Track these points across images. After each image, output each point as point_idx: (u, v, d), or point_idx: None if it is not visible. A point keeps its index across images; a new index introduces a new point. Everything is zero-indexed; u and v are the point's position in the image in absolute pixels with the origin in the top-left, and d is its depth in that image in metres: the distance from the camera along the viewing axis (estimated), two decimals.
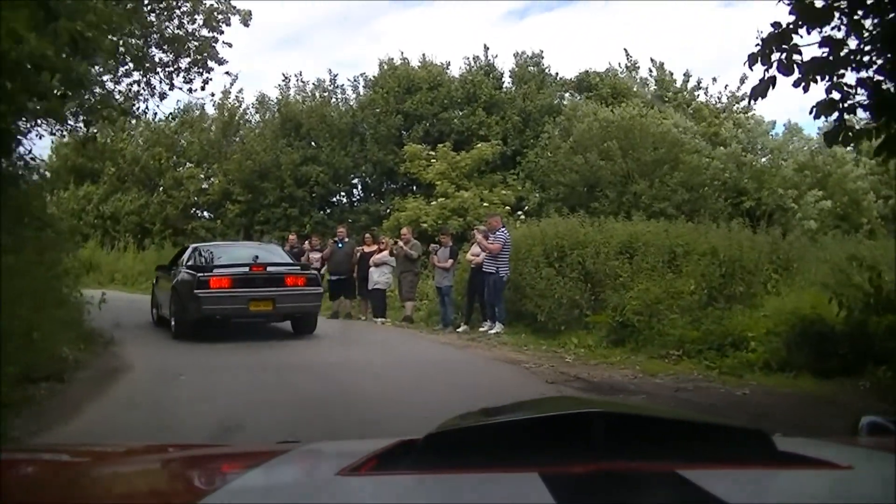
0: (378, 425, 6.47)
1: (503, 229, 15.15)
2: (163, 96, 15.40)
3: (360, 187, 29.35)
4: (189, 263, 14.14)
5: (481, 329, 14.93)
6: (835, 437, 2.15)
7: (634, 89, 29.43)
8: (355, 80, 29.87)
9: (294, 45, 54.80)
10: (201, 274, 13.26)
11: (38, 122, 12.39)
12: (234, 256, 14.59)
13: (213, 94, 15.71)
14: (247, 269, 13.62)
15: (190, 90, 15.13)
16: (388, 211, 26.17)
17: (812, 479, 1.43)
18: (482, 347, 12.95)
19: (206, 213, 30.70)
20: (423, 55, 29.07)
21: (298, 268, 14.26)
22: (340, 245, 18.39)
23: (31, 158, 12.77)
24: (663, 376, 9.70)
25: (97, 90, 12.54)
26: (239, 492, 1.41)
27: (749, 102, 6.96)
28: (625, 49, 32.91)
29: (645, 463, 1.35)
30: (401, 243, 17.39)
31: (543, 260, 14.70)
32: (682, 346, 10.74)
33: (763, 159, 27.23)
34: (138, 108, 15.33)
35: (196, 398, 7.99)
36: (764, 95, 6.98)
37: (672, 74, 30.45)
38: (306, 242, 19.29)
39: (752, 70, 7.06)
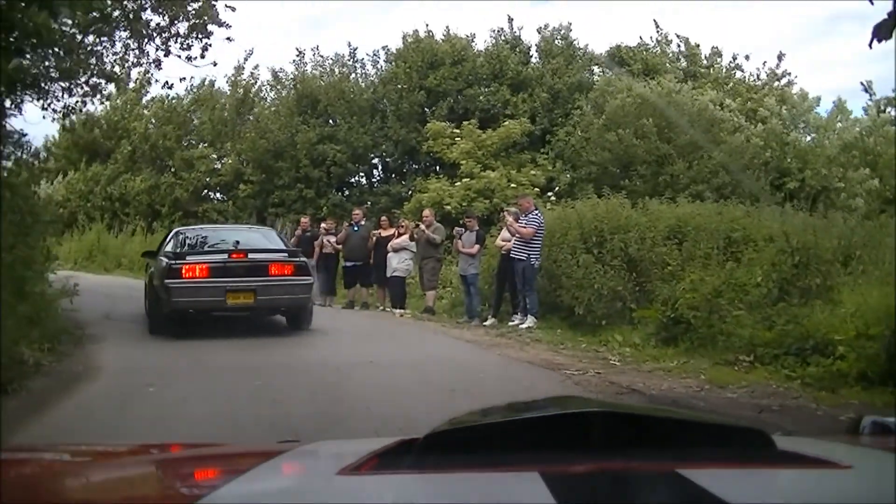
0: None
1: (536, 211, 13.59)
2: (157, 64, 13.79)
3: (380, 168, 28.15)
4: (167, 250, 12.69)
5: (511, 322, 13.46)
6: (835, 436, 2.27)
7: (667, 64, 27.84)
8: (376, 55, 28.58)
9: (312, 20, 52.91)
10: (173, 262, 11.77)
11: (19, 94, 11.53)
12: (219, 241, 13.15)
13: (214, 64, 13.95)
14: (225, 255, 12.05)
15: (189, 58, 13.57)
16: (410, 193, 24.90)
17: (812, 478, 1.43)
18: (513, 346, 11.35)
19: (218, 195, 29.52)
20: (447, 28, 27.81)
21: (285, 254, 12.50)
22: (356, 229, 17.00)
23: (20, 137, 12.30)
24: (735, 388, 8.04)
25: (75, 55, 11.09)
26: (239, 491, 1.41)
27: (870, 44, 5.26)
28: (654, 21, 30.75)
29: (645, 462, 1.35)
30: (422, 227, 15.96)
31: (581, 245, 13.26)
32: (752, 350, 9.05)
33: (807, 138, 25.80)
34: (126, 74, 13.72)
35: (160, 418, 6.54)
36: (889, 35, 5.35)
37: (699, 46, 28.88)
38: (321, 226, 17.78)
39: (872, 4, 5.42)
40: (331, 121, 26.92)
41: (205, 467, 1.85)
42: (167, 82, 14.35)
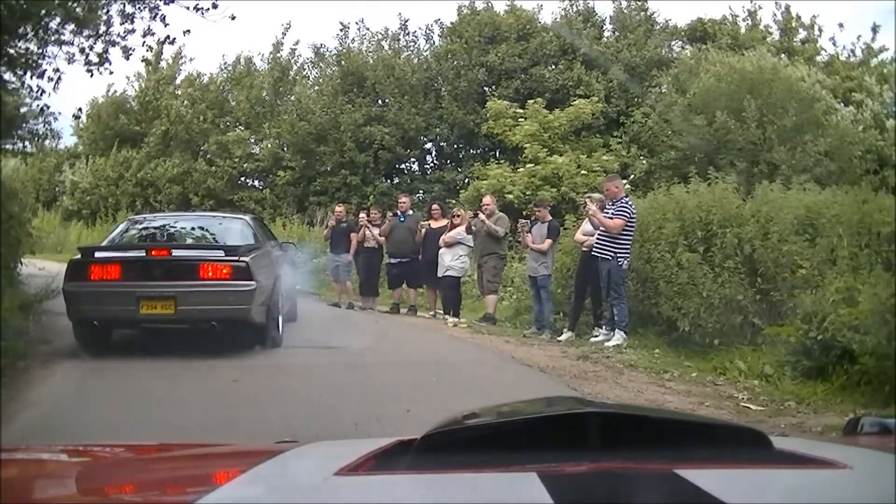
0: None
1: (626, 198, 10.77)
2: (163, 19, 11.44)
3: (433, 152, 26.00)
4: (103, 245, 10.27)
5: (593, 338, 10.77)
6: (834, 436, 2.40)
7: (760, 38, 25.02)
8: (429, 29, 26.44)
9: None
10: (78, 260, 9.20)
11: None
12: (167, 234, 10.56)
13: (233, 17, 11.54)
14: (143, 252, 9.38)
15: (197, 8, 11.14)
16: (467, 180, 22.76)
17: (811, 478, 1.43)
18: (604, 376, 8.45)
19: (255, 183, 27.44)
20: None
21: (222, 252, 9.29)
22: (402, 219, 14.39)
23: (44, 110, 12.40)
24: None
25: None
26: (237, 492, 1.42)
27: None
28: None
29: (643, 463, 1.35)
30: (481, 217, 13.22)
31: (682, 241, 10.49)
32: None
33: None
34: (121, 35, 11.70)
35: None
36: None
37: (800, 17, 25.98)
38: (361, 215, 15.06)
39: None
40: (379, 100, 25.17)
41: (203, 467, 1.85)
42: (168, 37, 11.94)
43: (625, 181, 18.73)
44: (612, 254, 10.27)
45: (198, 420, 6.20)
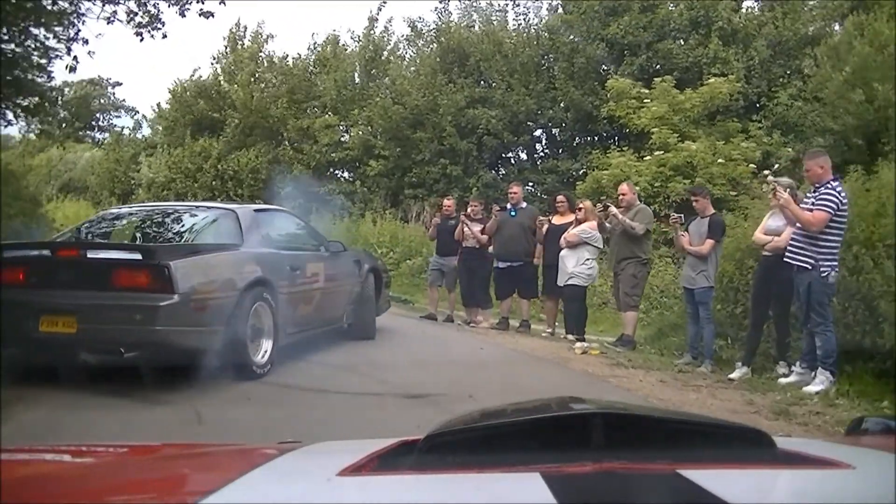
0: None
1: (835, 183, 7.65)
2: None
3: (544, 138, 23.78)
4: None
5: (782, 378, 7.85)
6: (837, 437, 2.33)
7: None
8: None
9: None
10: None
11: None
12: (135, 230, 8.47)
13: None
14: (49, 251, 7.22)
15: None
16: (584, 170, 20.46)
17: (814, 478, 1.43)
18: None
19: (344, 173, 25.71)
20: None
21: (147, 254, 6.90)
22: (513, 213, 11.66)
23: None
24: None
25: None
26: (239, 492, 1.39)
27: None
28: None
29: (646, 463, 1.35)
30: (613, 211, 10.47)
31: None
32: None
33: None
34: None
35: None
36: None
37: None
38: (468, 209, 12.40)
39: None
40: (483, 80, 23.40)
41: (206, 467, 1.84)
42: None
43: (766, 171, 15.97)
44: (814, 261, 7.29)
45: None
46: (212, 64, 27.98)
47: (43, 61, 11.80)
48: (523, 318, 11.85)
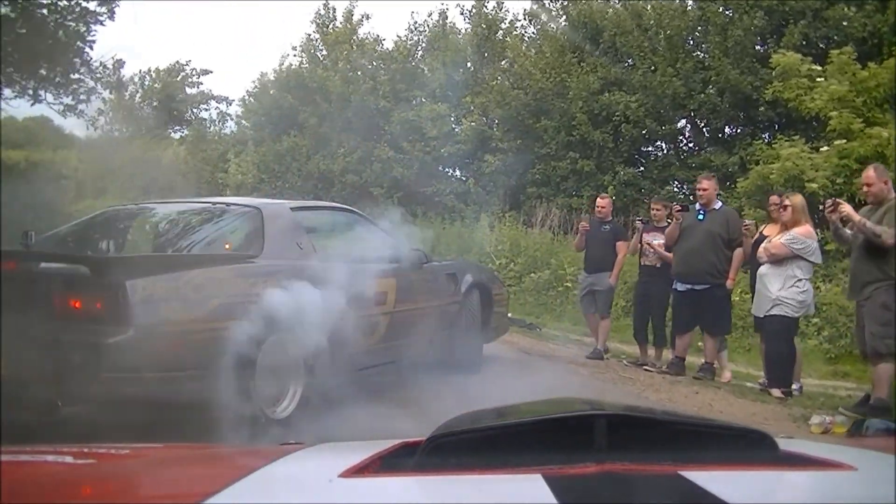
0: None
1: None
2: None
3: (688, 128, 21.55)
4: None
5: None
6: (839, 438, 2.36)
7: None
8: None
9: None
10: None
11: None
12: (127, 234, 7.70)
13: None
14: None
15: None
16: (744, 163, 18.21)
17: (816, 480, 1.46)
18: None
19: (455, 171, 24.16)
20: None
21: (96, 268, 5.26)
22: (701, 216, 8.99)
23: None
24: None
25: None
26: (241, 492, 1.42)
27: None
28: None
29: (648, 464, 1.37)
30: (847, 210, 7.47)
31: None
32: None
33: None
34: None
35: None
36: None
37: None
38: (652, 212, 10.45)
39: None
40: (620, 59, 21.27)
41: (208, 468, 1.87)
42: None
43: None
44: None
45: None
46: (297, 51, 27.42)
47: (80, 27, 10.02)
48: (706, 359, 9.11)
